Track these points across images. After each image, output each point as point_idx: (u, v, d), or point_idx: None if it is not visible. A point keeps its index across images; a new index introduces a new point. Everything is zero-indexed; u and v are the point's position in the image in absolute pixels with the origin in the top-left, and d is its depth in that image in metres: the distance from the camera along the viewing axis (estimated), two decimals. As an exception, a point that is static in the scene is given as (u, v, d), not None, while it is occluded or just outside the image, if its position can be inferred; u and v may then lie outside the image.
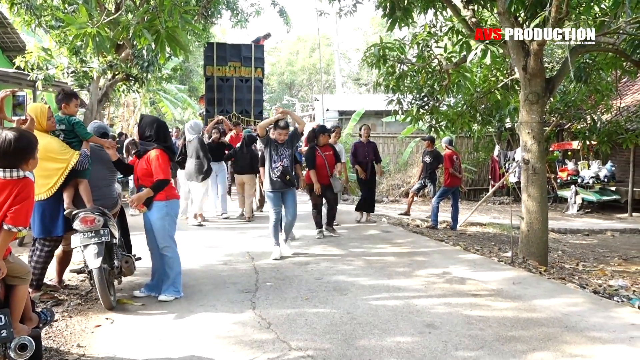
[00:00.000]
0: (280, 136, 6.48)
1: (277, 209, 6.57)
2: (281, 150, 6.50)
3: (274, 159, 6.47)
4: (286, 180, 6.39)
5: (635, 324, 4.23)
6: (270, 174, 6.46)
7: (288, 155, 6.51)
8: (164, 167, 4.64)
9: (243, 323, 4.17)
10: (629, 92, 15.06)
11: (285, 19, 16.25)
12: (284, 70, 46.56)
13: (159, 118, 5.32)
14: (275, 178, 6.44)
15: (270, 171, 6.46)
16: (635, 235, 10.83)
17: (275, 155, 6.47)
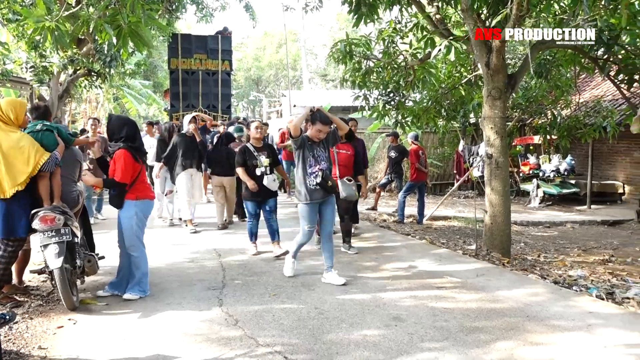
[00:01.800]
0: (320, 133, 5.19)
1: (312, 226, 5.27)
2: (318, 151, 5.24)
3: (310, 162, 5.17)
4: (327, 187, 5.17)
5: (593, 312, 4.38)
6: (306, 181, 5.15)
7: (325, 157, 5.27)
8: (123, 169, 4.56)
9: (210, 320, 4.14)
10: (587, 87, 15.51)
11: (251, 14, 16.13)
12: (251, 65, 46.28)
13: (128, 117, 5.17)
14: (312, 186, 5.14)
15: (306, 178, 5.16)
16: (594, 227, 11.18)
17: (311, 158, 5.18)
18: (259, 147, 6.40)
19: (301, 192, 5.21)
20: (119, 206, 4.68)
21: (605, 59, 7.70)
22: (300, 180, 5.20)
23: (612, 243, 9.39)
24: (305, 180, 5.16)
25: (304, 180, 5.17)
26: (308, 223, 5.22)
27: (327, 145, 5.36)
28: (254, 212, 6.35)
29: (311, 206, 5.20)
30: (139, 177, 4.72)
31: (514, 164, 14.94)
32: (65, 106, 19.05)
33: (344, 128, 5.47)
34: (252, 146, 6.38)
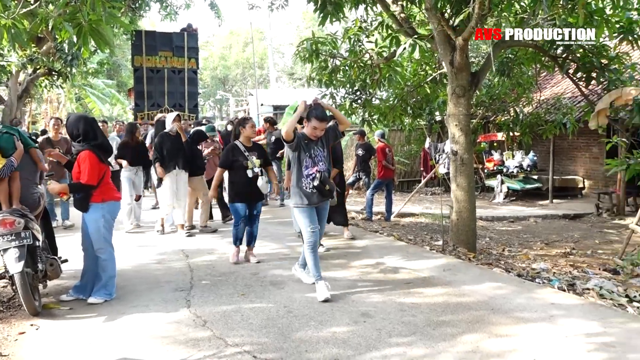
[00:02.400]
0: (316, 131, 4.71)
1: (316, 225, 4.79)
2: (315, 150, 4.79)
3: (307, 163, 4.74)
4: (325, 191, 4.72)
5: (555, 304, 4.50)
6: (303, 184, 4.73)
7: (324, 157, 4.83)
8: (89, 171, 4.45)
9: (178, 322, 4.09)
10: (548, 85, 15.91)
11: (217, 13, 15.98)
12: (217, 64, 45.87)
13: (86, 114, 5.04)
14: (309, 189, 4.71)
15: (302, 180, 4.74)
16: (556, 221, 11.48)
17: (307, 159, 4.74)
18: (249, 147, 5.96)
19: (297, 196, 4.78)
20: (84, 209, 4.57)
21: (564, 57, 7.92)
22: (295, 182, 4.78)
23: (573, 236, 9.66)
24: (301, 182, 4.73)
25: (299, 183, 4.74)
26: (310, 224, 4.74)
27: (327, 142, 4.89)
28: (244, 214, 5.88)
29: (309, 209, 4.77)
30: (104, 179, 4.62)
31: (479, 161, 15.21)
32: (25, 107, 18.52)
33: (346, 123, 5.02)
34: (242, 145, 5.91)
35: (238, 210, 5.88)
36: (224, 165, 5.92)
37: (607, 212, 11.87)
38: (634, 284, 6.12)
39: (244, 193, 5.84)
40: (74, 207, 4.74)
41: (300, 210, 4.80)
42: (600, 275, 6.48)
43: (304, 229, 4.79)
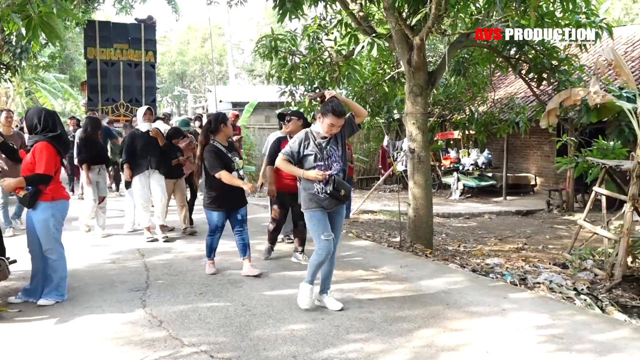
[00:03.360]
0: (333, 128, 4.11)
1: (330, 234, 4.18)
2: (329, 150, 4.19)
3: (319, 166, 4.15)
4: (340, 197, 4.15)
5: (507, 297, 4.64)
6: (315, 188, 4.14)
7: (339, 156, 4.24)
8: (47, 161, 4.29)
9: (133, 323, 4.01)
10: (502, 85, 16.34)
11: (174, 7, 15.72)
12: (175, 60, 45.05)
13: (47, 108, 4.86)
14: (320, 196, 4.13)
15: (314, 185, 4.14)
16: (509, 217, 11.82)
17: (319, 160, 4.16)
18: (228, 147, 5.28)
19: (307, 199, 4.22)
20: (31, 206, 4.40)
21: (517, 58, 8.15)
22: (305, 185, 4.23)
23: (526, 232, 9.98)
24: (312, 186, 4.16)
25: (310, 187, 4.18)
26: (324, 231, 4.13)
27: (342, 139, 4.30)
28: (220, 224, 5.26)
29: (322, 212, 4.19)
30: (55, 176, 4.47)
31: (436, 158, 15.50)
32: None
33: (363, 114, 4.43)
34: (220, 144, 5.24)
35: (214, 219, 5.22)
36: (220, 167, 5.06)
37: (558, 209, 12.31)
38: (582, 277, 6.37)
39: (227, 199, 5.17)
40: (20, 204, 4.56)
41: (311, 214, 4.19)
42: (551, 270, 6.71)
43: (316, 235, 4.16)
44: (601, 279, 6.29)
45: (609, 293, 5.80)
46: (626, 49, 13.65)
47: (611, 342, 3.65)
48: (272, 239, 6.04)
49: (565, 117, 10.67)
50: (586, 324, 4.02)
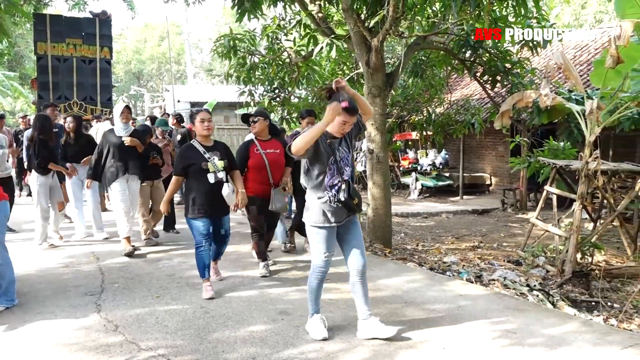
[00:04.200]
0: (345, 126, 3.57)
1: (331, 253, 3.75)
2: (341, 152, 3.67)
3: (331, 170, 3.62)
4: (354, 205, 3.67)
5: (463, 295, 4.75)
6: (325, 197, 3.61)
7: (349, 161, 3.75)
8: None
9: (87, 328, 3.90)
10: (458, 87, 16.71)
11: (130, 4, 15.37)
12: (131, 58, 44.10)
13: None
14: (332, 205, 3.61)
15: (325, 193, 3.61)
16: (466, 216, 12.09)
17: (332, 164, 3.62)
18: (209, 146, 4.76)
19: (314, 212, 3.67)
20: None
21: (472, 60, 8.35)
22: (313, 194, 3.68)
23: (481, 230, 10.23)
24: (322, 195, 3.63)
25: (319, 196, 3.65)
26: (325, 250, 3.69)
27: (351, 140, 3.80)
28: (206, 232, 4.66)
29: (330, 230, 3.69)
30: None
31: (395, 159, 15.71)
32: None
33: (370, 112, 3.86)
34: (199, 144, 4.74)
35: (198, 228, 4.65)
36: (177, 171, 4.73)
37: (512, 207, 12.67)
38: (534, 273, 6.58)
39: (205, 205, 4.63)
40: None
41: (317, 231, 3.68)
42: (505, 267, 6.91)
43: (317, 254, 3.71)
44: (553, 275, 6.51)
45: (560, 288, 6.02)
46: (575, 53, 14.17)
47: (561, 335, 3.78)
48: (262, 254, 5.47)
49: (518, 119, 11.02)
50: (538, 319, 4.15)
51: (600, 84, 6.55)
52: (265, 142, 5.41)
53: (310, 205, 3.72)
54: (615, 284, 6.39)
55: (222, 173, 4.68)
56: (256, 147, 5.34)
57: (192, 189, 4.69)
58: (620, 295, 6.01)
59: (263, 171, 5.30)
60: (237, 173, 4.96)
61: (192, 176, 4.68)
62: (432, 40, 8.05)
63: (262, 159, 5.29)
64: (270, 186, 5.33)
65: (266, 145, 5.39)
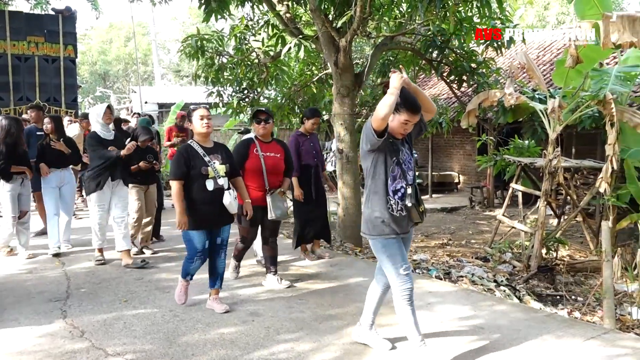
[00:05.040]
0: (407, 126, 3.21)
1: (408, 267, 3.30)
2: (403, 153, 3.30)
3: (394, 172, 3.24)
4: (420, 213, 3.32)
5: (432, 292, 4.82)
6: (389, 203, 3.23)
7: (412, 164, 3.38)
8: None
9: (52, 335, 3.81)
10: (426, 87, 16.91)
11: (94, 4, 15.06)
12: (97, 59, 43.20)
13: None
14: (397, 212, 3.24)
15: (387, 198, 3.23)
16: (435, 214, 12.24)
17: (395, 167, 3.24)
18: (208, 148, 4.22)
19: (378, 222, 3.25)
20: None
21: (439, 61, 8.47)
22: (378, 201, 3.25)
23: (450, 228, 10.38)
24: (385, 202, 3.24)
25: (384, 203, 3.23)
26: (402, 262, 3.25)
27: (412, 142, 3.45)
28: (202, 246, 4.19)
29: (398, 241, 3.28)
30: None
31: (365, 158, 15.77)
32: None
33: (433, 110, 3.43)
34: (198, 145, 4.20)
35: (193, 241, 4.16)
36: (179, 174, 4.10)
37: (479, 205, 12.89)
38: (501, 269, 6.72)
39: (203, 214, 4.12)
40: None
41: (385, 244, 3.26)
42: (473, 263, 7.03)
43: (392, 271, 3.25)
44: (519, 270, 6.65)
45: (526, 283, 6.16)
46: (538, 53, 14.51)
47: (526, 329, 3.87)
48: (239, 257, 5.23)
49: (485, 118, 11.23)
50: (504, 313, 4.24)
51: (562, 83, 6.72)
52: (267, 145, 4.94)
53: (371, 214, 3.29)
54: (579, 277, 6.57)
55: (223, 179, 4.15)
56: (256, 148, 4.88)
57: (188, 196, 4.11)
58: (584, 289, 6.19)
59: (258, 176, 4.84)
60: (240, 180, 4.45)
61: (189, 181, 4.11)
62: (400, 40, 8.14)
63: (260, 162, 4.83)
64: (267, 192, 4.85)
65: (267, 147, 4.92)
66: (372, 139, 3.12)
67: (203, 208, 4.10)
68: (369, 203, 3.31)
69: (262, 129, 4.90)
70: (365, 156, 3.29)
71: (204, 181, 4.09)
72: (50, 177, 6.30)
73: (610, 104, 6.02)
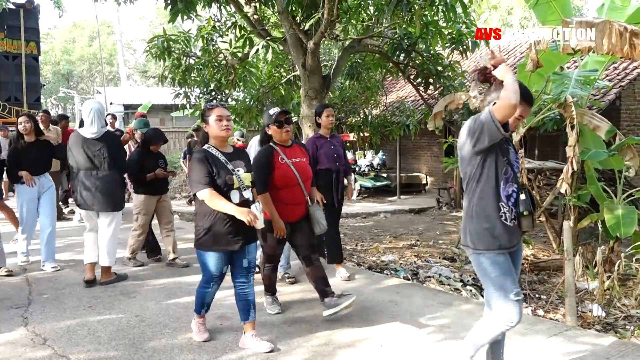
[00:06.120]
0: (520, 120, 2.94)
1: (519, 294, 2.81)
2: (511, 153, 2.86)
3: (506, 174, 2.79)
4: (532, 223, 2.84)
5: (400, 292, 4.87)
6: (501, 211, 2.76)
7: (519, 165, 2.97)
8: None
9: (13, 343, 3.70)
10: (394, 89, 17.09)
11: (57, 2, 14.70)
12: (60, 59, 42.21)
13: None
14: (512, 219, 2.79)
15: (499, 205, 2.77)
16: (403, 215, 12.35)
17: (506, 166, 2.79)
18: (229, 154, 3.56)
19: (490, 233, 2.77)
20: None
21: (406, 63, 8.57)
22: (487, 209, 2.78)
23: (418, 229, 10.48)
24: (498, 209, 2.77)
25: (495, 210, 2.77)
26: (513, 287, 2.76)
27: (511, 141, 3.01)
28: (218, 271, 3.57)
29: (508, 258, 2.80)
30: None
31: (334, 160, 15.83)
32: None
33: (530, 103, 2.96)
34: (217, 150, 3.53)
35: (211, 265, 3.54)
36: (208, 182, 3.37)
37: (446, 206, 13.07)
38: (468, 269, 6.82)
39: (226, 232, 3.44)
40: None
41: (495, 261, 2.77)
42: (440, 264, 7.12)
43: (499, 295, 2.78)
44: (484, 270, 6.77)
45: (491, 282, 6.26)
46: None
47: (492, 327, 3.94)
48: (272, 288, 4.39)
49: (451, 120, 11.41)
50: (470, 312, 4.31)
51: (524, 86, 6.88)
52: (289, 149, 4.14)
53: (479, 225, 2.80)
54: (542, 276, 6.73)
55: (248, 191, 3.51)
56: (280, 156, 4.05)
57: (205, 210, 3.44)
58: (547, 287, 6.34)
59: (295, 188, 4.06)
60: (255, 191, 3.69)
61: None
62: (367, 43, 8.21)
63: (291, 170, 4.03)
64: (307, 205, 4.15)
65: (291, 152, 4.13)
66: (495, 133, 2.64)
67: (227, 223, 3.42)
68: (473, 211, 2.82)
69: (285, 133, 4.07)
70: (470, 158, 2.80)
71: (228, 192, 3.42)
72: (25, 188, 5.68)
73: (570, 106, 6.19)
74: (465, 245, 2.91)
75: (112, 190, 4.97)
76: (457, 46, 7.93)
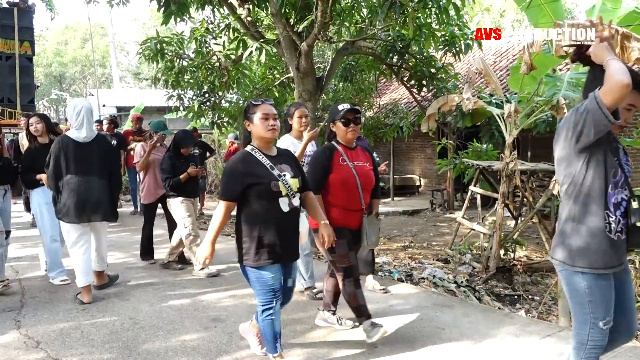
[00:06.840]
0: (631, 112, 2.44)
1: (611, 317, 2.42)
2: (621, 153, 2.45)
3: (616, 177, 2.36)
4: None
5: (394, 294, 4.88)
6: (609, 219, 2.33)
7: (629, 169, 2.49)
8: None
9: (5, 346, 3.68)
10: (387, 91, 17.11)
11: (49, 4, 14.65)
12: (52, 61, 42.00)
13: None
14: (617, 232, 2.35)
15: (607, 214, 2.33)
16: (397, 217, 12.38)
17: (616, 168, 2.37)
18: (273, 157, 3.17)
19: (593, 247, 2.35)
20: None
21: (399, 66, 8.60)
22: (590, 219, 2.36)
23: (412, 230, 10.50)
24: (604, 218, 2.34)
25: (600, 220, 2.35)
26: (606, 313, 2.37)
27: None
28: (278, 287, 3.14)
29: (609, 276, 2.38)
30: None
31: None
32: None
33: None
34: (261, 153, 3.14)
35: (267, 282, 3.08)
36: (231, 194, 3.07)
37: (440, 207, 13.10)
38: (461, 270, 6.85)
39: (277, 245, 3.07)
40: None
41: (594, 284, 2.36)
42: (434, 265, 7.13)
43: (586, 320, 2.39)
44: (478, 271, 6.79)
45: (485, 284, 6.29)
46: (495, 59, 14.89)
47: (486, 329, 3.96)
48: (364, 308, 3.72)
49: (444, 122, 11.45)
50: (464, 314, 4.33)
51: (517, 88, 6.91)
52: (353, 152, 3.76)
53: (578, 237, 2.38)
54: (536, 277, 6.76)
55: (297, 197, 3.15)
56: (342, 157, 3.68)
57: (253, 221, 3.07)
58: (540, 288, 6.37)
59: (349, 191, 3.65)
60: (311, 195, 3.33)
61: (253, 202, 3.05)
62: (361, 45, 8.23)
63: (352, 173, 3.65)
64: (363, 212, 3.74)
65: (354, 155, 3.75)
66: (602, 122, 2.18)
67: (277, 234, 3.06)
68: (572, 220, 2.40)
69: (351, 132, 3.69)
70: (573, 156, 2.36)
71: (276, 200, 3.05)
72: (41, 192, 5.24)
73: (563, 109, 6.22)
74: (558, 260, 2.46)
75: (107, 199, 4.69)
76: (450, 48, 7.96)
